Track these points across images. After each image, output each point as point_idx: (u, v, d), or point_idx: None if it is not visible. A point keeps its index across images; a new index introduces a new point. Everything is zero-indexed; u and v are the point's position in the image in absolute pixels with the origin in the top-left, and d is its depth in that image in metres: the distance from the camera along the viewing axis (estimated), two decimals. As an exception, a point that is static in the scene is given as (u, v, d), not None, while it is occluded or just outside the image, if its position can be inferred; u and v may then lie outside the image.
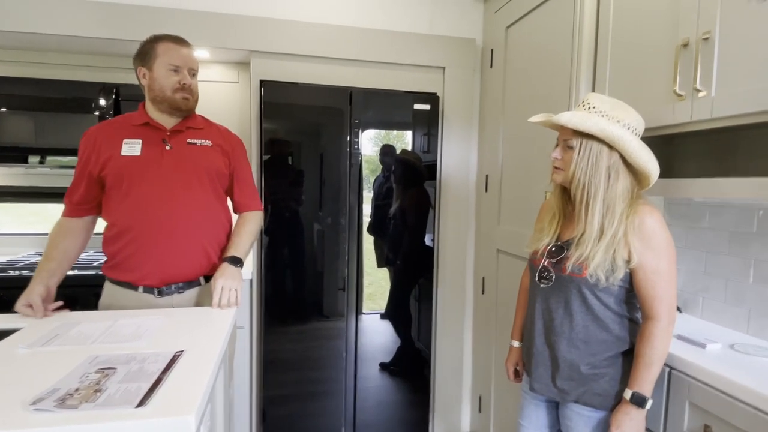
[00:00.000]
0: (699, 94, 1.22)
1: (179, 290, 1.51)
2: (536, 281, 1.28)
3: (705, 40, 1.21)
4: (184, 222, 1.49)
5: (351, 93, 2.19)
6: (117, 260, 1.50)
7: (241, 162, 1.66)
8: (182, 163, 1.51)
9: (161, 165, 1.48)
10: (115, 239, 1.48)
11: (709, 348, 1.24)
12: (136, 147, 1.48)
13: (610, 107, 1.17)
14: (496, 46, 2.31)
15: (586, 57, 1.65)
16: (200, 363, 1.02)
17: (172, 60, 1.48)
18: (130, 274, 1.48)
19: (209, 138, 1.59)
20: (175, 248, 1.48)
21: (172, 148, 1.51)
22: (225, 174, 1.60)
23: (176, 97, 1.49)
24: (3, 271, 1.99)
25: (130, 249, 1.47)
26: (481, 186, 2.46)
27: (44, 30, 1.99)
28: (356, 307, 2.29)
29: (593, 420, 1.20)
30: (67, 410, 0.79)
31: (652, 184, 1.19)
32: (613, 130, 1.12)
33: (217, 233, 1.58)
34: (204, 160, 1.54)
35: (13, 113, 2.11)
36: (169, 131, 1.52)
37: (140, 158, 1.47)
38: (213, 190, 1.56)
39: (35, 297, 1.34)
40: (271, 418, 2.21)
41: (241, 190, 1.66)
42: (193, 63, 1.53)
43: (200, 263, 1.54)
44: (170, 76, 1.48)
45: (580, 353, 1.19)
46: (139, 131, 1.51)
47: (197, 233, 1.52)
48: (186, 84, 1.49)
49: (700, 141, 1.50)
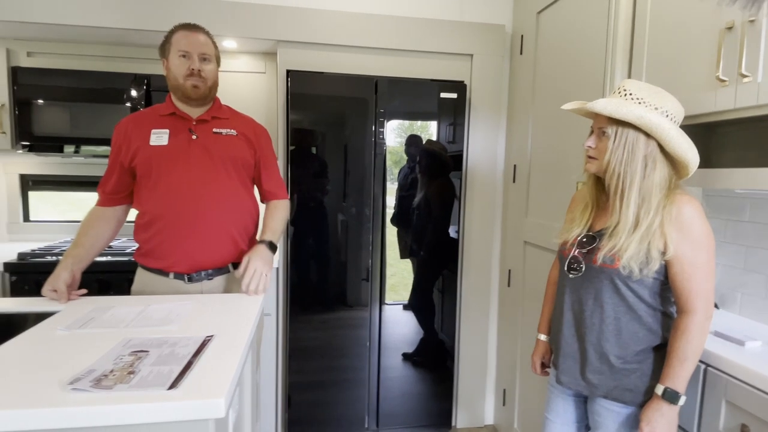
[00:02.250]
0: (744, 79, 1.16)
1: (209, 277, 1.54)
2: (565, 271, 1.25)
3: (751, 22, 1.15)
4: (212, 210, 1.51)
5: (376, 82, 2.18)
6: (148, 248, 1.53)
7: (266, 151, 1.67)
8: (208, 152, 1.52)
9: (188, 154, 1.50)
10: (145, 227, 1.52)
11: (748, 345, 1.19)
12: (164, 137, 1.50)
13: (648, 94, 1.12)
14: (526, 32, 2.25)
15: (621, 42, 1.59)
16: (230, 348, 1.04)
17: (181, 46, 1.48)
18: (161, 261, 1.52)
19: (234, 127, 1.59)
20: (203, 236, 1.50)
21: (198, 137, 1.53)
22: (250, 163, 1.62)
23: (186, 85, 1.48)
24: (41, 257, 2.07)
25: (160, 237, 1.50)
26: (508, 176, 2.42)
27: (77, 22, 2.04)
28: (380, 298, 2.30)
29: (623, 416, 1.18)
30: (103, 390, 0.82)
31: (691, 174, 1.14)
32: (650, 117, 1.07)
33: (245, 221, 1.60)
34: (230, 150, 1.55)
35: (50, 104, 2.17)
36: (195, 121, 1.54)
37: (168, 148, 1.50)
38: (239, 178, 1.58)
39: (60, 283, 1.38)
40: (296, 404, 2.24)
41: (267, 179, 1.67)
42: (204, 48, 1.51)
43: (228, 251, 1.56)
44: (181, 63, 1.48)
45: (611, 345, 1.16)
46: (166, 121, 1.53)
47: (225, 221, 1.53)
48: (194, 69, 1.48)
49: (742, 129, 1.43)
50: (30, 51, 2.29)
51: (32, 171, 2.49)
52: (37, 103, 2.16)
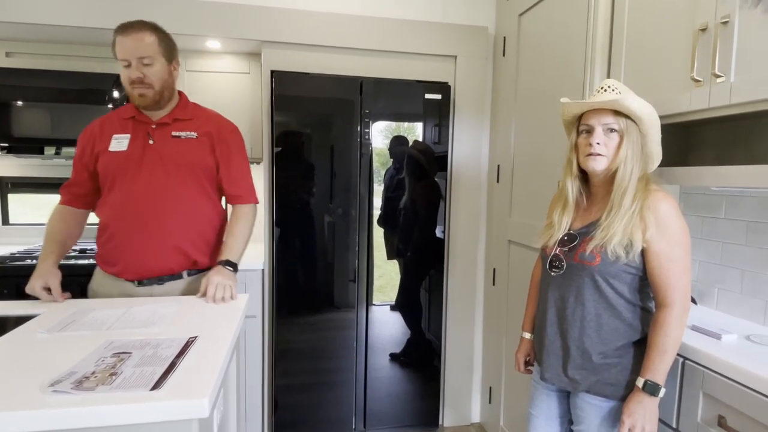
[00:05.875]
0: (717, 79, 1.19)
1: (159, 282, 1.50)
2: (547, 270, 1.27)
3: (724, 24, 1.18)
4: (161, 219, 1.46)
5: (361, 83, 2.19)
6: (102, 252, 1.52)
7: (230, 152, 1.56)
8: (164, 158, 1.47)
9: (142, 161, 1.46)
10: (101, 232, 1.50)
11: (724, 339, 1.22)
12: (124, 142, 1.46)
13: (627, 91, 1.16)
14: (508, 34, 2.28)
15: (600, 44, 1.62)
16: (214, 348, 1.03)
17: (119, 55, 1.40)
18: (112, 267, 1.50)
19: (197, 129, 1.52)
20: (150, 245, 1.46)
21: (155, 142, 1.48)
22: (211, 167, 1.53)
23: (133, 94, 1.43)
24: (21, 260, 2.03)
25: (111, 244, 1.48)
26: (492, 177, 2.45)
27: (58, 21, 2.01)
28: (367, 299, 2.30)
29: (604, 409, 1.20)
30: (84, 392, 0.81)
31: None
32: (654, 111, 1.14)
33: (201, 229, 1.54)
34: (187, 155, 1.49)
35: (30, 105, 2.14)
36: (154, 124, 1.49)
37: (125, 154, 1.45)
38: (197, 185, 1.51)
39: (54, 279, 1.36)
40: (283, 407, 2.23)
41: (230, 182, 1.57)
42: (143, 50, 1.39)
43: (178, 260, 1.50)
44: (123, 72, 1.42)
45: (592, 342, 1.18)
46: (128, 125, 1.49)
47: (174, 230, 1.48)
48: (135, 78, 1.40)
49: (717, 129, 1.47)
50: (9, 51, 2.24)
51: (11, 173, 2.45)
52: (17, 104, 2.12)
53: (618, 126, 1.15)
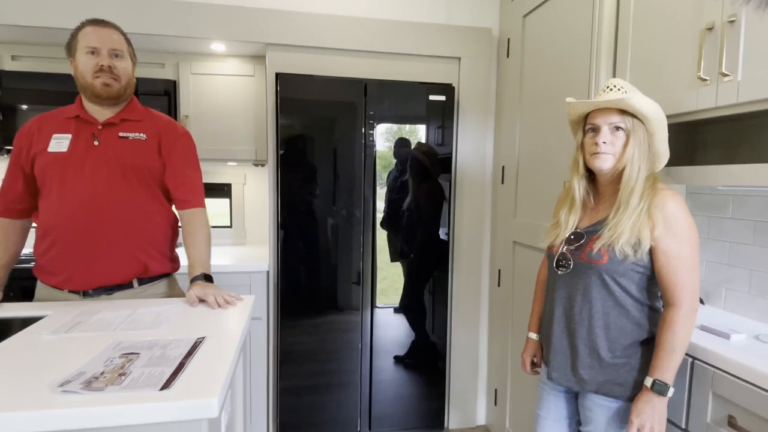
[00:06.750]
0: (724, 78, 1.19)
1: (108, 293, 1.43)
2: (554, 269, 1.27)
3: (731, 23, 1.18)
4: (109, 223, 1.39)
5: (366, 85, 2.19)
6: (42, 262, 1.42)
7: (179, 155, 1.50)
8: (109, 160, 1.40)
9: (85, 162, 1.38)
10: (40, 241, 1.41)
11: (733, 339, 1.21)
12: (65, 143, 1.38)
13: (633, 90, 1.16)
14: (512, 36, 2.28)
15: (606, 44, 1.62)
16: (222, 349, 1.03)
17: (88, 42, 1.36)
18: (54, 277, 1.41)
19: (146, 131, 1.47)
20: (97, 251, 1.39)
21: (100, 143, 1.40)
22: (159, 170, 1.48)
23: (96, 83, 1.36)
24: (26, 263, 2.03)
25: (53, 252, 1.39)
26: (497, 178, 2.44)
27: (64, 24, 2.01)
28: (371, 301, 2.29)
29: (613, 410, 1.19)
30: (94, 392, 0.81)
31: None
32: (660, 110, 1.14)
33: (151, 233, 1.47)
34: (135, 156, 1.43)
35: (35, 108, 2.14)
36: (101, 124, 1.42)
37: (66, 155, 1.37)
38: (145, 188, 1.45)
39: None
40: (287, 409, 2.23)
41: (176, 186, 1.50)
42: (116, 44, 1.39)
43: (127, 266, 1.43)
44: (89, 60, 1.36)
45: (600, 340, 1.18)
46: (70, 125, 1.41)
47: (122, 235, 1.41)
48: (104, 66, 1.36)
49: (724, 128, 1.47)
50: (15, 54, 2.25)
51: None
52: (22, 107, 2.13)
53: (624, 125, 1.15)
